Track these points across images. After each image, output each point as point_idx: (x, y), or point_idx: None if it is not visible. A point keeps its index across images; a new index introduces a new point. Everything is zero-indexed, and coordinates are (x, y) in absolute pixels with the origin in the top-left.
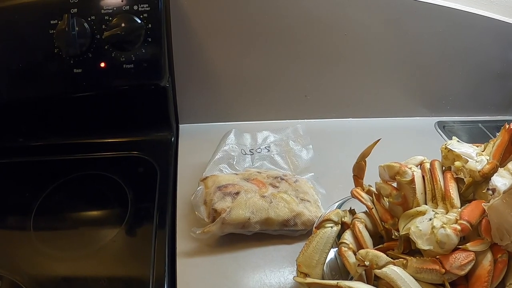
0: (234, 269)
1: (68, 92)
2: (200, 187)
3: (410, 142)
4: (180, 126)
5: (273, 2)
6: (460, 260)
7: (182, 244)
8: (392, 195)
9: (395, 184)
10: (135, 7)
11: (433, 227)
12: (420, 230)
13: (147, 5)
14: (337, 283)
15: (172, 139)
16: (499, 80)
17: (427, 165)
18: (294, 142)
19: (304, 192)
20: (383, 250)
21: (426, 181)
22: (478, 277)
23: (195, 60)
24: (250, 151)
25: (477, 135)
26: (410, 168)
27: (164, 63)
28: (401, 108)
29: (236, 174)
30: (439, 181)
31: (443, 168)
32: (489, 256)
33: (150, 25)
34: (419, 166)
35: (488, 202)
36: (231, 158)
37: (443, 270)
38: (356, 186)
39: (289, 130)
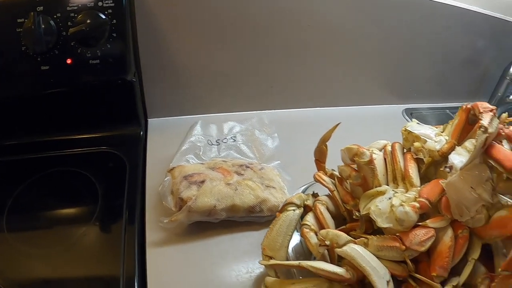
0: (203, 257)
1: (36, 89)
2: (167, 177)
3: (377, 129)
4: (150, 120)
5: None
6: (420, 237)
7: (151, 234)
8: (351, 177)
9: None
10: (100, 4)
11: (392, 206)
12: (380, 209)
13: (111, 1)
14: (299, 263)
15: (141, 133)
16: (466, 67)
17: (389, 148)
18: (259, 131)
19: (269, 179)
20: (346, 231)
21: (387, 163)
22: (439, 253)
23: (162, 55)
24: (216, 141)
25: (445, 121)
26: (369, 150)
27: (130, 58)
28: (369, 96)
29: (202, 163)
30: (399, 162)
31: (404, 150)
32: (449, 232)
33: (114, 21)
34: (382, 150)
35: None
36: (198, 148)
37: (403, 247)
38: (318, 170)
39: (254, 119)
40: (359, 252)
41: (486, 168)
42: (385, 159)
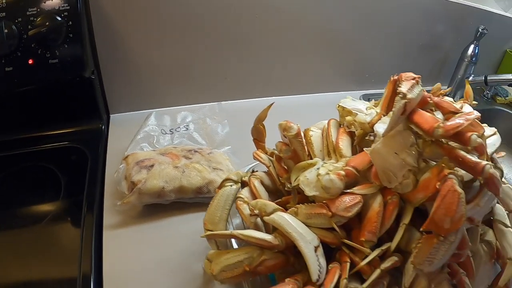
0: (157, 237)
1: (1, 90)
2: (122, 165)
3: (331, 115)
4: (112, 116)
5: None
6: (346, 203)
7: (108, 218)
8: (282, 150)
9: None
10: (57, 7)
11: (318, 175)
12: (308, 179)
13: (67, 5)
14: (231, 232)
15: (103, 127)
16: (425, 52)
17: (326, 125)
18: (210, 119)
19: (217, 162)
20: (282, 204)
21: (324, 138)
22: (368, 219)
23: (119, 53)
24: (170, 130)
25: None
26: (297, 125)
27: (86, 56)
28: (325, 84)
29: (154, 150)
30: (331, 135)
31: (340, 125)
32: (378, 199)
33: (70, 22)
34: None
35: None
36: (151, 137)
37: (330, 213)
38: (257, 149)
39: (206, 108)
40: (285, 219)
41: (411, 134)
42: (322, 135)
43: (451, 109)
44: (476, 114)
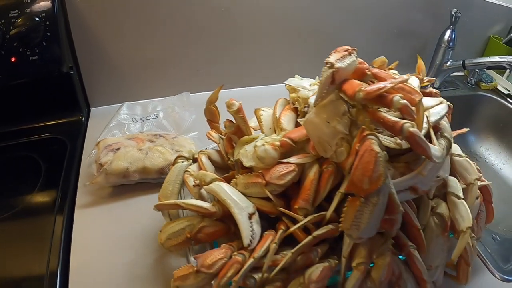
0: (123, 215)
1: None
2: (94, 150)
3: None
4: (92, 109)
5: None
6: (279, 171)
7: (81, 199)
8: (226, 126)
9: None
10: (35, 9)
11: (255, 146)
12: (246, 151)
13: (44, 6)
14: (174, 202)
15: (83, 119)
16: (404, 39)
17: None
18: (178, 108)
19: (180, 145)
20: (229, 178)
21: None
22: (303, 188)
23: (97, 50)
24: (141, 119)
25: None
26: (239, 102)
27: (63, 52)
28: (301, 72)
29: (123, 136)
30: (276, 112)
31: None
32: (314, 168)
33: (48, 22)
34: None
35: None
36: (123, 125)
37: (264, 182)
38: (211, 129)
39: (174, 98)
40: (222, 187)
41: (343, 103)
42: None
43: (388, 78)
44: (404, 78)
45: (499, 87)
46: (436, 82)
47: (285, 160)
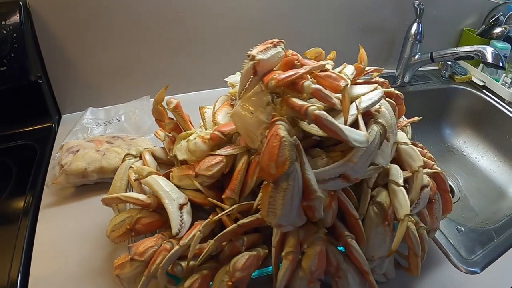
0: (82, 213)
1: None
2: (58, 153)
3: None
4: (64, 115)
5: (116, 2)
6: (207, 163)
7: (45, 199)
8: (166, 123)
9: None
10: (2, 22)
11: (188, 140)
12: (181, 145)
13: (11, 20)
14: (117, 195)
15: (53, 125)
16: (372, 34)
17: None
18: (139, 111)
19: (138, 146)
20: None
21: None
22: (232, 178)
23: (65, 60)
24: (104, 123)
25: None
26: (177, 100)
27: (31, 62)
28: None
29: (84, 139)
30: (215, 108)
31: None
32: (243, 159)
33: (15, 35)
34: None
35: None
36: (86, 129)
37: (194, 173)
38: (160, 128)
39: (136, 102)
40: (156, 180)
41: (266, 94)
42: None
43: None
44: (320, 64)
45: (474, 79)
46: (406, 76)
47: (214, 152)
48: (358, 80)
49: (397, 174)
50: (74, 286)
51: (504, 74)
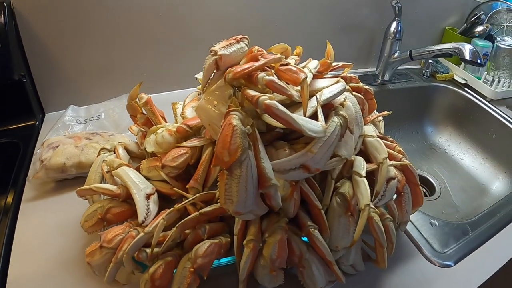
0: (61, 207)
1: None
2: (39, 149)
3: None
4: (47, 114)
5: (98, 3)
6: (172, 154)
7: (27, 194)
8: (138, 118)
9: None
10: None
11: (156, 133)
12: (150, 138)
13: None
14: (89, 186)
15: (37, 123)
16: (352, 34)
17: None
18: (118, 109)
19: (116, 142)
20: None
21: None
22: (197, 168)
23: (48, 60)
24: (84, 120)
25: None
26: (148, 95)
27: (14, 61)
28: None
29: (65, 135)
30: (185, 103)
31: None
32: (207, 151)
33: None
34: None
35: None
36: (67, 126)
37: (161, 165)
38: (134, 123)
39: (115, 100)
40: (125, 171)
41: (228, 88)
42: None
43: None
44: (276, 57)
45: (456, 77)
46: (386, 75)
47: (179, 144)
48: (327, 75)
49: (360, 165)
50: (51, 277)
51: (486, 72)
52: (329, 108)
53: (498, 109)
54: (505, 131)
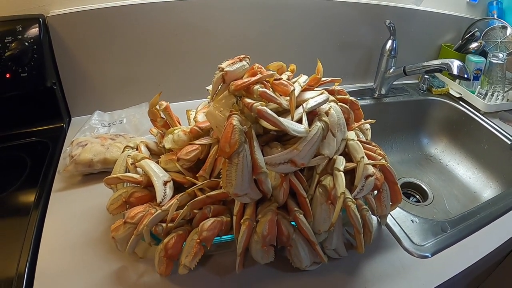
0: (89, 197)
1: None
2: (68, 147)
3: None
4: (73, 118)
5: (125, 19)
6: (186, 150)
7: (56, 186)
8: (157, 121)
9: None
10: (26, 36)
11: (173, 133)
12: (168, 137)
13: (32, 34)
14: (116, 175)
15: (64, 126)
16: (350, 51)
17: None
18: (138, 115)
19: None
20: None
21: None
22: (206, 162)
23: (77, 68)
24: (108, 124)
25: None
26: (166, 103)
27: (47, 70)
28: None
29: (92, 136)
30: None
31: None
32: (215, 148)
33: (35, 46)
34: None
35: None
36: (93, 128)
37: (176, 158)
38: (154, 126)
39: (136, 107)
40: (147, 163)
41: (232, 97)
42: None
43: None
44: (270, 73)
45: (451, 92)
46: (382, 89)
47: (192, 142)
48: (317, 88)
49: (340, 162)
50: (78, 252)
51: (480, 87)
52: (315, 115)
53: (491, 121)
54: (497, 142)
